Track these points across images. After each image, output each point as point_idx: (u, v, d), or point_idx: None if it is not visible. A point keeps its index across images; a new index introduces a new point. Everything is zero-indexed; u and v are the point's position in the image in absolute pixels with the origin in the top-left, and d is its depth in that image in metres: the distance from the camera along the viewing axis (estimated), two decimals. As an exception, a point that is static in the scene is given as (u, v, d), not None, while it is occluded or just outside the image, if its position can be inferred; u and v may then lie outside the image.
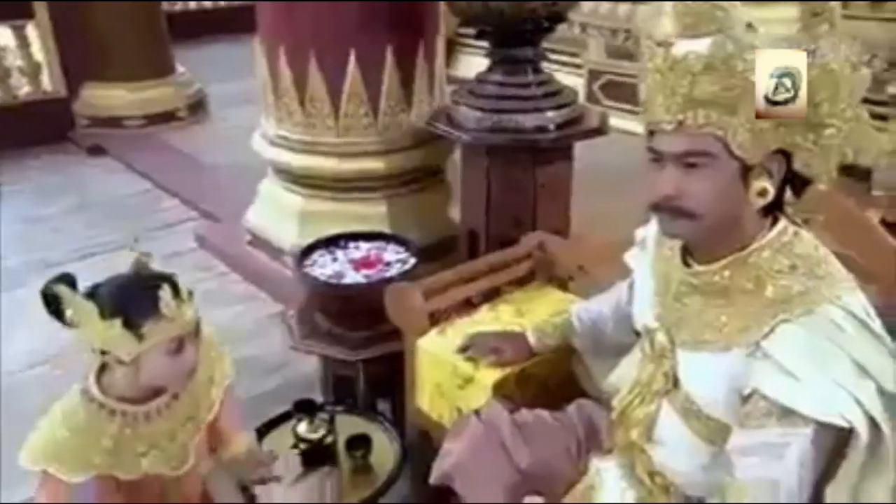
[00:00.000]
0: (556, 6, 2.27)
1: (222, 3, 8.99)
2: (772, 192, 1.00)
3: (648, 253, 1.28)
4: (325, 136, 2.90)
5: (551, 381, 1.63)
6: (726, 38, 0.94)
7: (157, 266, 1.29)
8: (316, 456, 1.65)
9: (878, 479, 0.95)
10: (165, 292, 1.18)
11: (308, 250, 2.17)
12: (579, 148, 2.54)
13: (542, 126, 2.40)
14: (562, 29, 2.65)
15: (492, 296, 1.87)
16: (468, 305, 1.83)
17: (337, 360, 2.02)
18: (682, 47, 0.97)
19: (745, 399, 1.00)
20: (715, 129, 0.96)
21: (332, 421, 1.72)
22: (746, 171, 0.98)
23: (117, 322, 1.16)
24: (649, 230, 1.30)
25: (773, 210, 1.05)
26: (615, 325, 1.49)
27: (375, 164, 2.91)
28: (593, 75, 5.01)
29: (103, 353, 1.21)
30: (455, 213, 3.10)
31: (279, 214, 3.12)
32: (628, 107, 4.45)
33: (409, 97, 2.90)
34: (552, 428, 1.42)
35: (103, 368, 1.27)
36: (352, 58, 2.77)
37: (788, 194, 1.05)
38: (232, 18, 8.10)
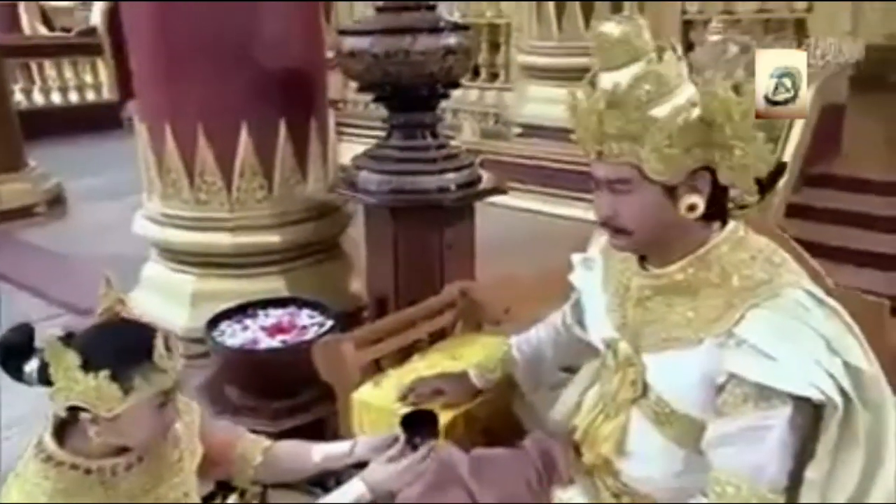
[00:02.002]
0: (453, 72, 2.37)
1: (86, 99, 8.66)
2: (701, 205, 1.05)
3: (597, 269, 1.31)
4: (217, 210, 2.78)
5: (495, 423, 1.59)
6: (629, 72, 1.01)
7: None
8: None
9: (851, 451, 0.99)
10: (160, 341, 1.04)
11: (214, 321, 2.03)
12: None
13: (444, 187, 2.45)
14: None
15: (420, 347, 1.82)
16: (398, 356, 1.77)
17: (255, 434, 1.86)
18: (604, 79, 1.04)
19: (720, 388, 1.02)
20: (629, 158, 1.03)
21: (263, 494, 1.55)
22: (672, 190, 1.04)
23: (104, 374, 1.00)
24: (593, 249, 1.35)
25: (718, 216, 1.10)
26: (556, 351, 1.50)
27: (271, 238, 2.82)
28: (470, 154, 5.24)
29: (73, 409, 1.04)
30: (356, 285, 3.06)
31: (168, 297, 2.90)
32: (482, 187, 4.67)
33: (303, 168, 2.87)
34: (510, 463, 1.37)
35: (62, 426, 1.10)
36: (243, 130, 2.72)
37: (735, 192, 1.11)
38: (90, 116, 7.82)
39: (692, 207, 1.04)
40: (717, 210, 1.09)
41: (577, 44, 4.71)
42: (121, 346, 1.06)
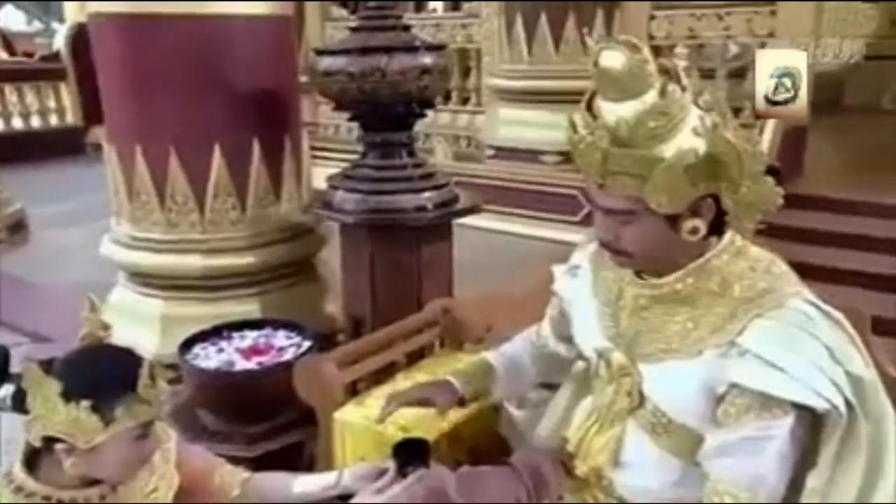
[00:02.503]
0: (429, 91, 2.38)
1: (49, 124, 8.50)
2: (703, 229, 1.04)
3: (584, 277, 1.30)
4: (188, 232, 2.72)
5: (480, 443, 1.56)
6: (633, 106, 0.97)
7: None
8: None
9: (852, 460, 0.98)
10: (145, 370, 1.00)
11: (188, 344, 1.97)
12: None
13: (422, 206, 2.44)
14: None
15: (401, 366, 1.79)
16: (379, 376, 1.73)
17: (231, 459, 1.79)
18: (605, 110, 1.01)
19: (721, 398, 1.01)
20: (633, 192, 1.01)
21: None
22: (674, 218, 1.03)
23: (84, 404, 0.96)
24: (581, 257, 1.34)
25: (716, 230, 1.08)
26: (533, 363, 1.47)
27: (245, 259, 2.77)
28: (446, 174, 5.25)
29: (49, 439, 0.99)
30: (330, 307, 3.02)
31: (136, 323, 2.81)
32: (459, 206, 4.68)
33: (277, 189, 2.83)
34: (499, 480, 1.34)
35: (34, 455, 1.04)
36: (216, 151, 2.68)
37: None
38: (53, 141, 7.68)
39: (694, 231, 1.03)
40: (718, 222, 1.07)
41: (547, 67, 4.77)
42: (103, 375, 1.01)
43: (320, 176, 2.92)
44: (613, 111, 0.99)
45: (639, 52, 0.98)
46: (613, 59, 0.98)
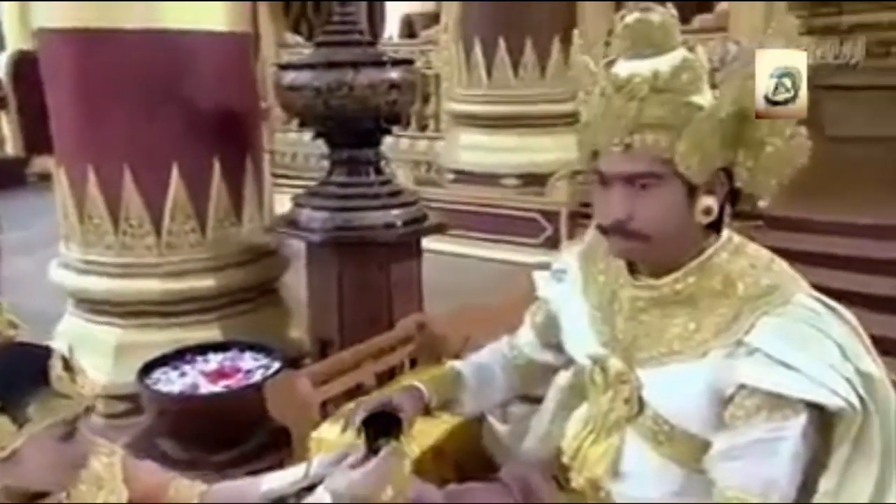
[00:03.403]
0: (397, 106, 2.35)
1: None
2: (716, 209, 1.02)
3: (572, 281, 1.26)
4: (144, 256, 2.60)
5: (465, 459, 1.50)
6: (665, 61, 0.97)
7: None
8: None
9: (865, 460, 0.95)
10: (56, 361, 0.90)
11: (147, 369, 1.86)
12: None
13: (390, 223, 2.39)
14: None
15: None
16: (352, 395, 1.65)
17: (197, 490, 1.68)
18: (623, 69, 1.00)
19: (728, 400, 0.97)
20: (662, 152, 0.98)
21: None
22: (692, 190, 1.00)
23: None
24: (567, 260, 1.30)
25: (715, 226, 1.06)
26: (505, 374, 1.39)
27: (204, 283, 2.65)
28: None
29: None
30: (295, 331, 2.92)
31: (87, 352, 2.63)
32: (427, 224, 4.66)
33: (238, 210, 2.74)
34: (488, 496, 1.28)
35: None
36: (174, 171, 2.58)
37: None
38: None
39: (707, 211, 1.01)
40: (718, 218, 1.05)
41: (506, 92, 4.82)
42: (8, 373, 0.91)
43: (278, 203, 2.85)
44: (646, 66, 0.98)
45: (670, 12, 1.00)
46: (648, 13, 0.99)
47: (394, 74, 2.29)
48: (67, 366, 0.93)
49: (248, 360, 1.94)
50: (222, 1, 2.61)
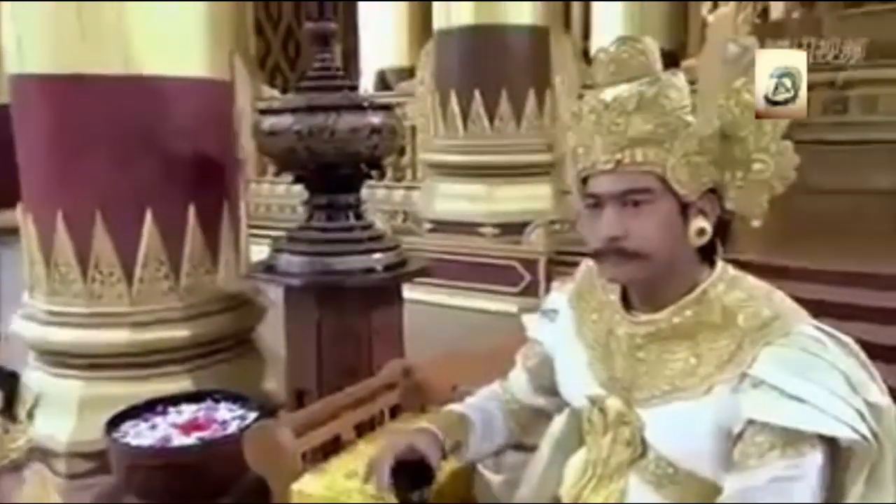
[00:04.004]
0: (378, 151, 2.33)
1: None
2: (709, 231, 1.01)
3: (564, 320, 1.22)
4: (114, 305, 2.50)
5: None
6: (651, 81, 1.00)
7: None
8: None
9: (879, 495, 0.91)
10: None
11: (115, 422, 1.75)
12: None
13: (371, 267, 2.35)
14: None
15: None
16: (333, 445, 1.57)
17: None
18: (609, 94, 1.02)
19: (737, 438, 0.93)
20: (653, 167, 0.98)
21: None
22: (684, 211, 1.00)
23: None
24: (558, 300, 1.26)
25: (709, 255, 1.05)
26: (504, 417, 1.33)
27: (177, 333, 2.55)
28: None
29: None
30: (270, 383, 2.81)
31: (48, 407, 2.50)
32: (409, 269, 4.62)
33: (214, 257, 2.67)
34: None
35: None
36: (148, 216, 2.51)
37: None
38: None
39: (701, 232, 1.00)
40: (711, 247, 1.04)
41: (482, 142, 4.87)
42: None
43: (252, 255, 2.79)
44: (633, 88, 0.99)
45: (650, 42, 1.02)
46: (631, 42, 1.02)
47: (375, 119, 2.28)
48: (9, 404, 0.85)
49: (224, 411, 1.85)
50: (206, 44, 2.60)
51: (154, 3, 2.46)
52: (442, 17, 5.07)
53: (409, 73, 6.73)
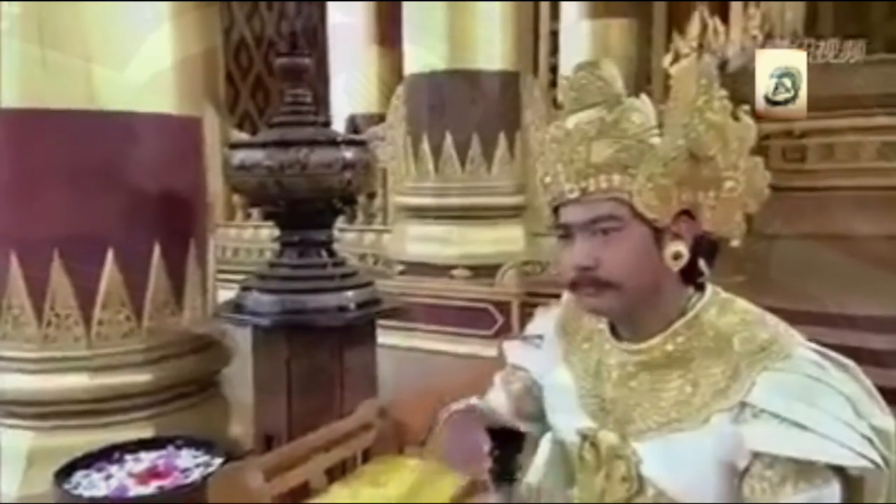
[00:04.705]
0: (350, 186, 2.28)
1: None
2: (686, 254, 0.96)
3: (553, 348, 1.16)
4: (70, 349, 2.38)
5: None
6: (611, 105, 0.97)
7: None
8: None
9: None
10: None
11: (66, 472, 1.63)
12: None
13: (343, 305, 2.27)
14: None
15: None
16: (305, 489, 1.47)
17: None
18: (571, 122, 0.99)
19: (744, 473, 0.87)
20: (619, 193, 0.94)
21: None
22: (658, 236, 0.96)
23: None
24: (544, 325, 1.20)
25: (693, 280, 1.01)
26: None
27: (139, 377, 2.43)
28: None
29: None
30: (237, 428, 2.68)
31: (-4, 460, 2.36)
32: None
33: (179, 297, 2.56)
34: None
35: None
36: (109, 255, 2.41)
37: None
38: None
39: (678, 256, 0.95)
40: (694, 271, 0.99)
41: (453, 184, 4.85)
42: None
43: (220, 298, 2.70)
44: (594, 114, 0.97)
45: (612, 68, 1.00)
46: (592, 68, 1.00)
47: (348, 154, 2.24)
48: None
49: (186, 458, 1.74)
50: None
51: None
52: (413, 62, 5.11)
53: (379, 118, 6.75)
